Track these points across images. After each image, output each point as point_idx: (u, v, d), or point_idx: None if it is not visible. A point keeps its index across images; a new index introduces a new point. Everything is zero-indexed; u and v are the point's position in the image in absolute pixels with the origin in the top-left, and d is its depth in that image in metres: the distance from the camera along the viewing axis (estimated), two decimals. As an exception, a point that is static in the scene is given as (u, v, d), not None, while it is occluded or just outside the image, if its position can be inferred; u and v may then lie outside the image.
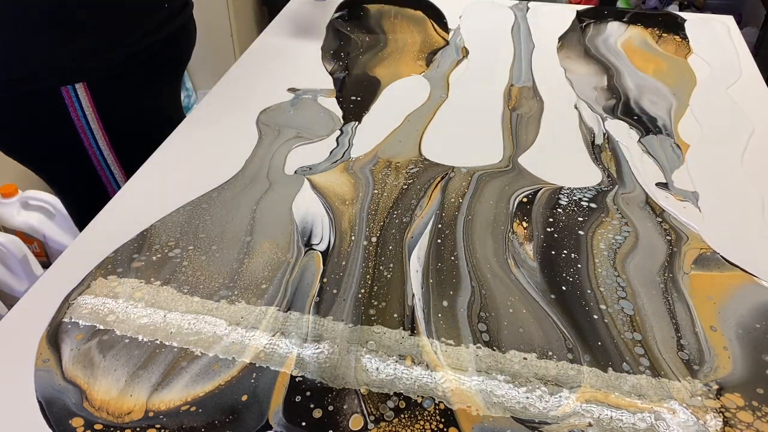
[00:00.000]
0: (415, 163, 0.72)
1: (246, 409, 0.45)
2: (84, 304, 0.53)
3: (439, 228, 0.62)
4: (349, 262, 0.58)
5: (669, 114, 0.83)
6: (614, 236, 0.61)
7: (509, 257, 0.59)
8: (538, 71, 0.94)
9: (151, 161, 0.73)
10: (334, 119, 0.81)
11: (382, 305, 0.53)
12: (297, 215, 0.64)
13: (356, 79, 0.91)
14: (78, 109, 0.77)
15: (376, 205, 0.65)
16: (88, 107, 0.77)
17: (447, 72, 0.94)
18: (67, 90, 0.76)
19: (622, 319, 0.52)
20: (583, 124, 0.81)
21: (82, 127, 0.78)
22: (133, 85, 0.82)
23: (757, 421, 0.44)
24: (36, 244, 1.58)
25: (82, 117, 0.78)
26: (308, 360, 0.48)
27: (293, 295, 0.54)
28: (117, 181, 0.86)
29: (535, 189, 0.68)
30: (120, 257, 0.58)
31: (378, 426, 0.44)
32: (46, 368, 0.48)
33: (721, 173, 0.71)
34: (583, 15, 1.13)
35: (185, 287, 0.55)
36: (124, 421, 0.44)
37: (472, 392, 0.46)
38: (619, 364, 0.48)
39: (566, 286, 0.55)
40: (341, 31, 1.07)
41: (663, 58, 0.99)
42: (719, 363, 0.49)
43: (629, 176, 0.70)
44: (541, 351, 0.49)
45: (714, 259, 0.59)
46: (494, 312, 0.53)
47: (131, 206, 0.65)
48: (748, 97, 0.86)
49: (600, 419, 0.44)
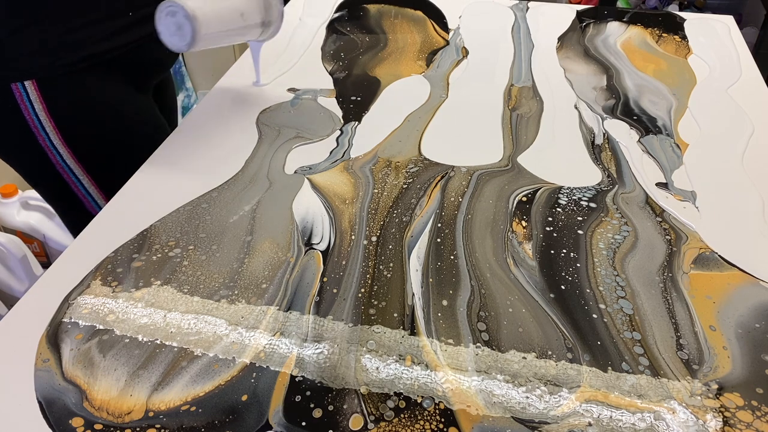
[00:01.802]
0: (414, 162, 0.72)
1: (246, 409, 0.45)
2: (84, 304, 0.53)
3: (438, 227, 0.62)
4: (349, 262, 0.58)
5: (669, 114, 0.83)
6: (614, 236, 0.61)
7: (508, 256, 0.59)
8: (538, 71, 0.94)
9: (151, 161, 0.73)
10: (334, 119, 0.81)
11: (382, 305, 0.53)
12: (297, 215, 0.64)
13: (356, 79, 0.91)
14: (29, 107, 0.76)
15: (376, 204, 0.65)
16: (39, 107, 0.76)
17: (447, 72, 0.94)
18: (17, 86, 0.74)
19: (621, 319, 0.52)
20: (583, 124, 0.81)
21: (35, 126, 0.77)
22: (90, 88, 0.80)
23: (757, 421, 0.44)
24: (36, 244, 1.58)
25: (34, 116, 0.76)
26: (308, 360, 0.48)
27: (293, 295, 0.54)
28: (82, 184, 0.84)
29: (534, 188, 0.68)
30: (120, 257, 0.58)
31: (378, 426, 0.44)
32: (46, 368, 0.48)
33: (721, 173, 0.71)
34: (583, 15, 1.13)
35: (185, 287, 0.55)
36: (124, 421, 0.44)
37: (472, 392, 0.46)
38: (619, 364, 0.48)
39: (565, 286, 0.55)
40: (341, 31, 1.07)
41: (663, 58, 0.99)
42: (719, 363, 0.49)
43: (629, 176, 0.71)
44: (541, 350, 0.49)
45: (713, 258, 0.59)
46: (494, 311, 0.53)
47: (131, 206, 0.66)
48: (748, 97, 0.86)
49: (599, 419, 0.44)
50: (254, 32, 0.79)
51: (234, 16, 0.74)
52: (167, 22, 0.71)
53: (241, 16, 0.75)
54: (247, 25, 0.77)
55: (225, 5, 0.73)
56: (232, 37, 0.77)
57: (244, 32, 0.78)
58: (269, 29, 0.80)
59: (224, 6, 0.73)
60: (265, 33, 0.81)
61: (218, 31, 0.73)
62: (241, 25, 0.76)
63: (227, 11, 0.73)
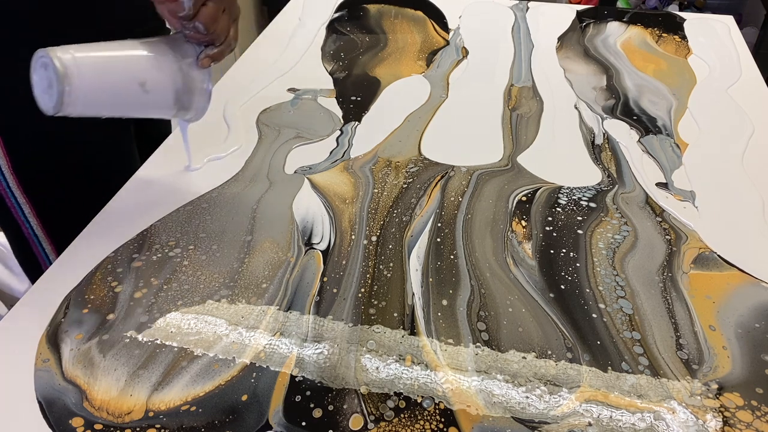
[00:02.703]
0: (414, 162, 0.72)
1: (246, 409, 0.45)
2: (84, 304, 0.53)
3: (438, 227, 0.62)
4: (349, 261, 0.58)
5: (669, 114, 0.83)
6: (613, 235, 0.61)
7: (508, 256, 0.59)
8: (538, 71, 0.94)
9: (151, 161, 0.73)
10: (334, 119, 0.81)
11: (382, 304, 0.53)
12: (297, 214, 0.64)
13: (356, 79, 0.91)
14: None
15: (376, 204, 0.66)
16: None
17: (447, 72, 0.94)
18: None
19: (621, 319, 0.52)
20: (583, 124, 0.81)
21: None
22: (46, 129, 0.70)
23: (757, 421, 0.44)
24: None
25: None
26: (308, 360, 0.48)
27: (293, 295, 0.54)
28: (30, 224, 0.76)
29: (534, 188, 0.68)
30: (120, 257, 0.58)
31: (378, 426, 0.44)
32: (46, 368, 0.48)
33: (721, 173, 0.71)
34: (583, 15, 1.13)
35: (185, 287, 0.55)
36: (124, 420, 0.44)
37: (472, 392, 0.46)
38: (618, 364, 0.48)
39: (565, 285, 0.55)
40: (341, 31, 1.07)
41: (663, 58, 0.99)
42: (718, 362, 0.49)
43: (629, 176, 0.71)
44: (541, 350, 0.49)
45: (713, 258, 0.59)
46: (493, 311, 0.53)
47: (131, 206, 0.66)
48: (748, 97, 0.86)
49: (599, 419, 0.44)
50: (166, 110, 0.62)
51: (129, 85, 0.57)
52: (41, 74, 0.54)
53: (142, 86, 0.58)
54: (152, 100, 0.60)
55: (118, 68, 0.57)
56: (131, 109, 0.61)
57: (148, 107, 0.61)
58: (188, 111, 0.63)
59: (117, 69, 0.57)
60: (184, 114, 0.63)
61: (103, 99, 0.57)
62: (141, 98, 0.59)
63: (120, 77, 0.57)
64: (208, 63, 0.61)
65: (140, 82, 0.58)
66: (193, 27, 0.58)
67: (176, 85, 0.60)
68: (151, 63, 0.58)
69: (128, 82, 0.57)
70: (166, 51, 0.59)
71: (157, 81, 0.59)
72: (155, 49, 0.59)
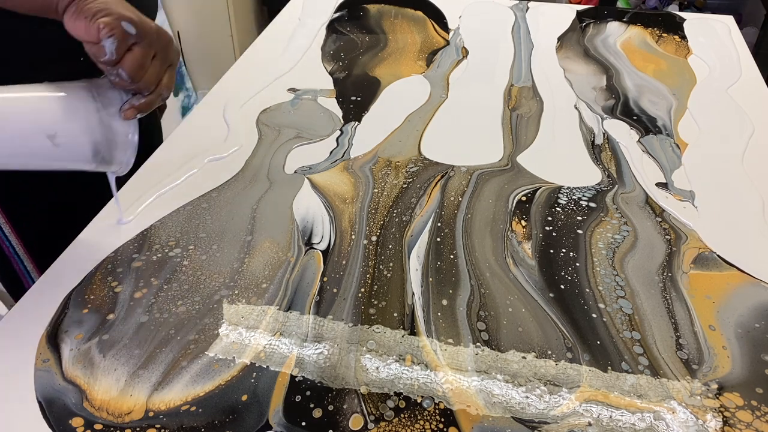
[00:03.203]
0: (414, 162, 0.72)
1: (246, 409, 0.45)
2: (84, 304, 0.53)
3: (438, 227, 0.62)
4: (349, 261, 0.58)
5: (669, 114, 0.83)
6: (613, 235, 0.61)
7: (508, 256, 0.59)
8: (538, 71, 0.94)
9: (151, 161, 0.73)
10: (334, 119, 0.81)
11: (382, 304, 0.53)
12: (297, 214, 0.64)
13: (356, 79, 0.91)
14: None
15: (376, 203, 0.66)
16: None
17: (447, 72, 0.94)
18: None
19: (620, 318, 0.52)
20: (583, 124, 0.81)
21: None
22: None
23: (756, 421, 0.44)
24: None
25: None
26: (308, 360, 0.48)
27: (293, 295, 0.54)
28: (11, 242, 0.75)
29: (534, 188, 0.68)
30: (120, 257, 0.58)
31: (378, 426, 0.44)
32: (46, 368, 0.48)
33: (721, 173, 0.71)
34: (582, 15, 1.13)
35: (185, 287, 0.55)
36: (124, 420, 0.44)
37: (472, 392, 0.46)
38: (618, 364, 0.48)
39: (565, 285, 0.55)
40: (341, 31, 1.07)
41: (663, 58, 0.99)
42: (718, 362, 0.49)
43: (629, 176, 0.71)
44: (540, 350, 0.49)
45: (713, 258, 0.59)
46: (493, 311, 0.53)
47: (131, 206, 0.65)
48: (748, 97, 0.86)
49: (599, 419, 0.44)
50: (83, 164, 0.54)
51: (35, 137, 0.50)
52: None
53: (51, 139, 0.50)
54: (65, 154, 0.52)
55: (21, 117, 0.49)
56: (41, 163, 0.53)
57: (62, 160, 0.53)
58: (111, 165, 0.55)
59: (19, 119, 0.49)
60: (107, 167, 0.55)
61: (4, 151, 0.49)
62: (51, 152, 0.51)
63: (22, 127, 0.49)
64: (132, 114, 0.53)
65: (49, 134, 0.50)
66: (116, 74, 0.50)
67: (94, 137, 0.52)
68: (63, 113, 0.50)
69: (33, 133, 0.50)
70: (85, 98, 0.51)
71: (69, 133, 0.51)
72: (73, 96, 0.51)
